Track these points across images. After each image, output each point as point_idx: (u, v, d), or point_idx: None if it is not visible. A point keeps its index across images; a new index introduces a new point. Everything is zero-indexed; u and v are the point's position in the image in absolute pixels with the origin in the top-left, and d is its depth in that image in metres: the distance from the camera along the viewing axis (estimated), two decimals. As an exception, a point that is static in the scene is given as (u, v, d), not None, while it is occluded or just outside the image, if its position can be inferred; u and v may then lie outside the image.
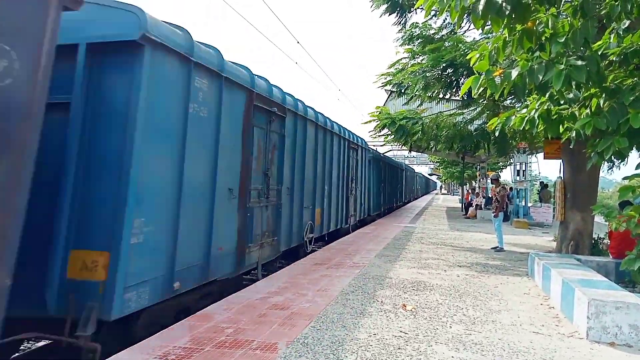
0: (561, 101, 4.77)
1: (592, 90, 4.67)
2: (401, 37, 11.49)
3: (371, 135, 15.76)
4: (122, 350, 3.90)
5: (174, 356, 3.73)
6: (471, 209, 22.49)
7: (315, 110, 10.13)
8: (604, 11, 4.36)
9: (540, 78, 4.18)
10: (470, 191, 28.21)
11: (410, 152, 35.92)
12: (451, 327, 4.72)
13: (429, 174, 75.88)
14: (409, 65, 11.74)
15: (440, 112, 13.96)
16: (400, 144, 15.29)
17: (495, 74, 4.48)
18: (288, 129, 8.30)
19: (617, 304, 4.43)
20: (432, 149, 17.28)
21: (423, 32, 11.16)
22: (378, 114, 14.02)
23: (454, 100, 13.62)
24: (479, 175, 28.41)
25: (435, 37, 11.16)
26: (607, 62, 4.86)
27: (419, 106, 13.65)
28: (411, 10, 11.43)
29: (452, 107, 14.38)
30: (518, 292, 6.44)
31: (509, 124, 5.30)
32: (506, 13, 4.14)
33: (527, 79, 4.29)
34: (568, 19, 4.30)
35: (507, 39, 4.54)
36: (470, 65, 4.78)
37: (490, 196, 19.94)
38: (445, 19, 10.93)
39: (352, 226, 14.50)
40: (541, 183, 22.66)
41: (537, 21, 4.35)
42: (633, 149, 4.84)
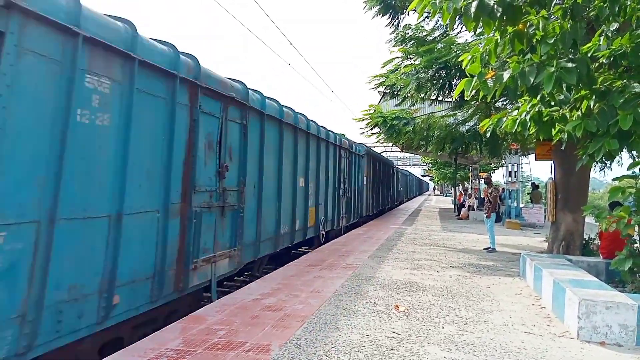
0: (552, 103, 4.81)
1: (582, 92, 4.71)
2: (394, 39, 11.52)
3: (362, 133, 15.76)
4: (114, 353, 3.87)
5: (166, 358, 3.71)
6: (463, 210, 22.61)
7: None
8: (593, 13, 4.40)
9: (532, 80, 4.21)
10: (462, 192, 28.34)
11: (403, 153, 36.13)
12: (443, 327, 4.74)
13: (421, 175, 76.13)
14: (402, 66, 11.78)
15: (432, 113, 14.00)
16: (391, 142, 15.35)
17: (487, 76, 4.51)
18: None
19: (608, 304, 4.47)
20: (424, 149, 17.36)
21: (416, 34, 11.20)
22: (371, 112, 14.04)
23: (446, 101, 13.67)
24: (471, 176, 28.57)
25: (428, 38, 11.21)
26: (597, 64, 4.91)
27: (411, 106, 13.69)
28: (404, 11, 11.47)
29: (445, 108, 14.44)
30: (510, 293, 6.48)
31: (501, 126, 5.34)
32: (497, 15, 4.18)
33: (519, 81, 4.32)
34: (558, 21, 4.34)
35: (498, 41, 4.58)
36: (463, 67, 4.81)
37: (482, 197, 20.05)
38: (437, 21, 10.98)
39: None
40: (532, 184, 22.80)
41: (527, 23, 4.39)
42: (623, 150, 4.90)
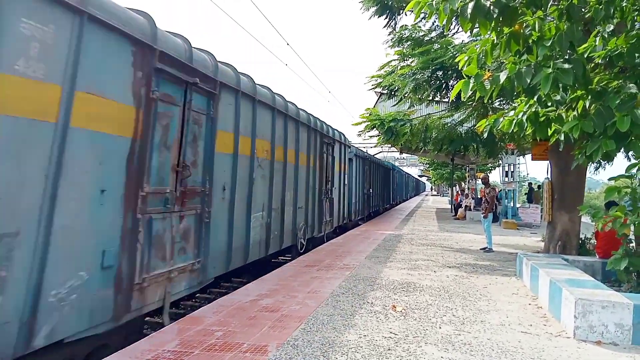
0: (548, 103, 4.83)
1: (578, 93, 4.74)
2: (391, 39, 11.55)
3: (360, 135, 15.81)
4: (111, 355, 3.86)
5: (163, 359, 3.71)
6: (460, 210, 22.65)
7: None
8: (589, 14, 4.43)
9: (528, 81, 4.23)
10: (459, 192, 28.40)
11: (401, 154, 36.18)
12: (440, 327, 4.75)
13: (418, 176, 76.28)
14: (398, 67, 11.80)
15: (429, 114, 14.03)
16: (389, 144, 15.31)
17: (484, 77, 4.53)
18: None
19: (604, 303, 4.49)
20: (422, 150, 17.38)
21: (412, 35, 11.22)
22: (368, 115, 14.07)
23: (443, 102, 13.71)
24: (468, 176, 28.64)
25: (425, 39, 11.23)
26: (592, 64, 4.93)
27: (409, 108, 13.72)
28: (400, 12, 11.50)
29: (442, 108, 14.47)
30: (507, 292, 6.49)
31: (498, 126, 5.36)
32: (494, 16, 4.20)
33: (515, 82, 4.34)
34: (554, 22, 4.36)
35: (495, 42, 4.59)
36: (459, 68, 4.82)
37: (479, 197, 20.10)
38: (434, 22, 11.00)
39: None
40: (529, 184, 22.88)
41: (524, 24, 4.41)
42: (620, 150, 4.92)
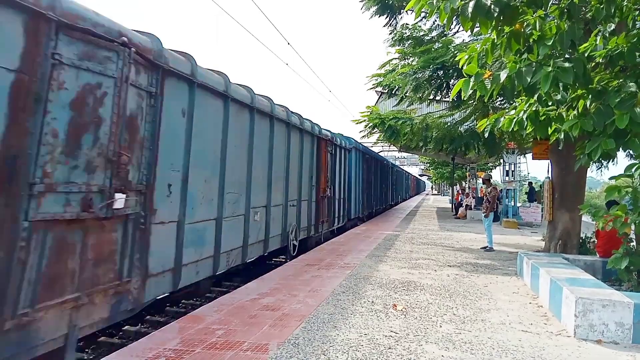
0: (549, 102, 4.83)
1: (578, 92, 4.74)
2: (391, 38, 11.55)
3: (361, 134, 15.82)
4: (112, 354, 3.87)
5: (164, 358, 3.72)
6: (461, 209, 22.64)
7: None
8: (590, 14, 4.42)
9: (529, 80, 4.23)
10: (460, 192, 28.39)
11: (401, 153, 36.21)
12: (441, 326, 4.76)
13: (419, 175, 76.24)
14: (399, 67, 11.80)
15: (429, 112, 14.03)
16: (390, 143, 15.28)
17: (484, 76, 4.53)
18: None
19: (604, 302, 4.50)
20: (422, 149, 17.37)
21: (413, 34, 11.23)
22: (369, 114, 14.08)
23: (444, 101, 13.71)
24: (469, 175, 28.64)
25: (425, 38, 11.23)
26: (593, 64, 4.93)
27: (408, 106, 13.72)
28: (401, 11, 11.50)
29: (442, 108, 14.47)
30: (507, 291, 6.50)
31: (498, 126, 5.36)
32: (494, 15, 4.20)
33: (516, 81, 4.34)
34: (555, 21, 4.36)
35: (495, 41, 4.59)
36: (460, 67, 4.82)
37: (480, 196, 20.09)
38: (434, 21, 11.01)
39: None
40: (530, 183, 22.86)
41: (524, 23, 4.41)
42: (620, 149, 4.93)
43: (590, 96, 4.59)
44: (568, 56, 4.33)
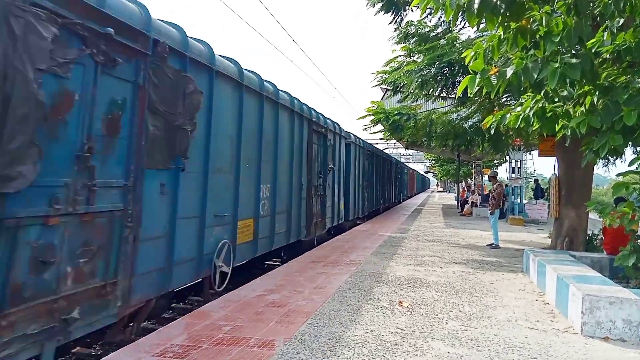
0: (555, 99, 4.80)
1: (585, 88, 4.71)
2: (396, 35, 11.51)
3: (365, 129, 15.77)
4: (120, 349, 3.91)
5: (171, 354, 3.75)
6: (467, 207, 22.56)
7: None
8: (598, 9, 4.39)
9: (535, 76, 4.21)
10: (466, 189, 28.30)
11: (407, 150, 36.10)
12: (447, 323, 4.76)
13: (424, 172, 76.04)
14: (404, 64, 11.77)
15: (434, 109, 13.99)
16: (394, 139, 15.22)
17: (490, 72, 4.51)
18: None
19: (611, 299, 4.48)
20: (427, 145, 17.32)
21: (418, 30, 11.18)
22: (374, 109, 14.07)
23: (450, 97, 13.66)
24: (474, 172, 28.53)
25: (431, 35, 11.19)
26: (600, 59, 4.90)
27: (413, 102, 13.69)
28: (406, 8, 11.45)
29: (448, 104, 14.43)
30: (513, 289, 6.49)
31: (504, 122, 5.34)
32: (501, 11, 4.18)
33: (522, 77, 4.32)
34: (562, 17, 4.33)
35: (501, 37, 4.57)
36: (466, 64, 4.80)
37: (486, 193, 20.03)
38: (440, 17, 10.95)
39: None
40: (536, 180, 22.75)
41: (531, 19, 4.38)
42: (628, 145, 4.89)
43: (597, 92, 4.55)
44: (575, 52, 4.30)
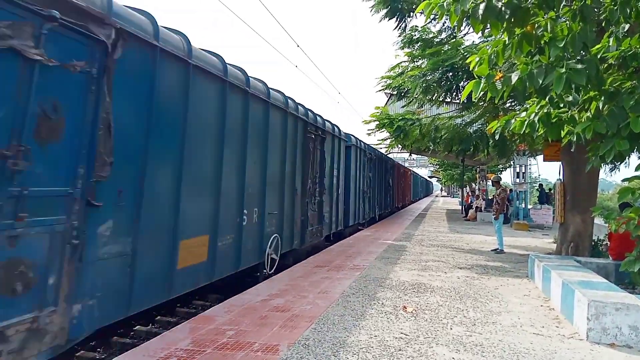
0: (560, 104, 4.80)
1: (591, 93, 4.71)
2: (401, 41, 11.55)
3: (369, 134, 15.78)
4: (124, 353, 3.92)
5: (175, 358, 3.75)
6: (471, 211, 22.51)
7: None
8: (603, 15, 4.39)
9: (540, 81, 4.21)
10: (470, 193, 28.23)
11: (410, 155, 36.06)
12: (452, 328, 4.74)
13: (428, 177, 75.92)
14: (408, 69, 11.80)
15: (438, 114, 14.00)
16: (399, 144, 15.19)
17: (495, 78, 4.52)
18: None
19: (617, 305, 4.45)
20: (431, 150, 17.31)
21: (422, 36, 11.22)
22: (378, 114, 14.11)
23: (454, 103, 13.67)
24: (478, 177, 28.45)
25: (435, 40, 11.22)
26: (606, 65, 4.90)
27: (418, 108, 13.71)
28: (411, 14, 11.49)
29: (452, 109, 14.43)
30: (518, 294, 6.46)
31: (509, 127, 5.34)
32: (505, 17, 4.18)
33: (527, 83, 4.32)
34: (567, 22, 4.33)
35: (506, 42, 4.58)
36: (470, 69, 4.81)
37: (490, 198, 19.95)
38: (444, 23, 10.99)
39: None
40: (540, 185, 22.66)
41: (536, 25, 4.39)
42: (634, 150, 4.88)
43: (603, 98, 4.56)
44: (580, 58, 4.30)
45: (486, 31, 5.01)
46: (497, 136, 5.78)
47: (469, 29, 10.94)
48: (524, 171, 19.42)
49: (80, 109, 3.74)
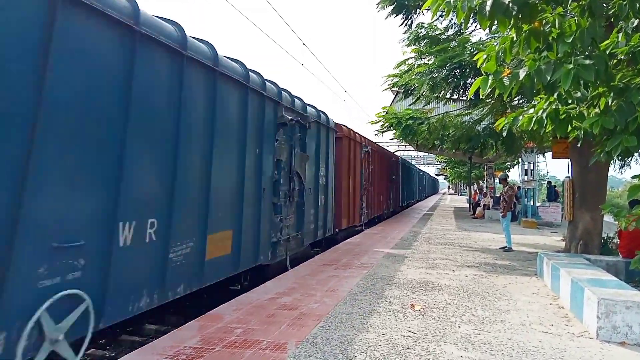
0: (569, 101, 4.76)
1: (599, 89, 4.66)
2: (407, 38, 11.52)
3: (377, 134, 15.76)
4: (134, 351, 3.95)
5: (184, 356, 3.78)
6: (479, 209, 22.38)
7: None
8: (612, 10, 4.34)
9: (549, 78, 4.18)
10: (477, 191, 28.09)
11: (418, 153, 36.00)
12: (460, 327, 4.73)
13: (436, 174, 75.64)
14: (415, 66, 11.76)
15: (446, 112, 13.94)
16: (406, 142, 15.19)
17: (503, 74, 4.49)
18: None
19: (628, 304, 4.41)
20: (439, 148, 17.25)
21: (429, 33, 11.18)
22: (385, 114, 14.08)
23: (461, 100, 13.61)
24: (486, 175, 28.30)
25: (442, 37, 11.18)
26: (615, 61, 4.84)
27: (425, 106, 13.67)
28: (417, 11, 11.46)
29: (460, 107, 14.37)
30: (527, 292, 6.42)
31: (517, 124, 5.30)
32: (513, 13, 4.15)
33: (535, 79, 4.29)
34: (575, 18, 4.29)
35: (514, 39, 4.55)
36: (478, 66, 4.79)
37: (498, 196, 19.83)
38: (451, 20, 10.95)
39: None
40: (549, 182, 22.49)
41: (543, 21, 4.35)
42: (641, 146, 4.82)
43: (611, 94, 4.51)
44: (588, 54, 4.26)
45: (493, 28, 4.97)
46: (504, 133, 5.74)
47: (476, 26, 10.87)
48: (532, 168, 19.28)
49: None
